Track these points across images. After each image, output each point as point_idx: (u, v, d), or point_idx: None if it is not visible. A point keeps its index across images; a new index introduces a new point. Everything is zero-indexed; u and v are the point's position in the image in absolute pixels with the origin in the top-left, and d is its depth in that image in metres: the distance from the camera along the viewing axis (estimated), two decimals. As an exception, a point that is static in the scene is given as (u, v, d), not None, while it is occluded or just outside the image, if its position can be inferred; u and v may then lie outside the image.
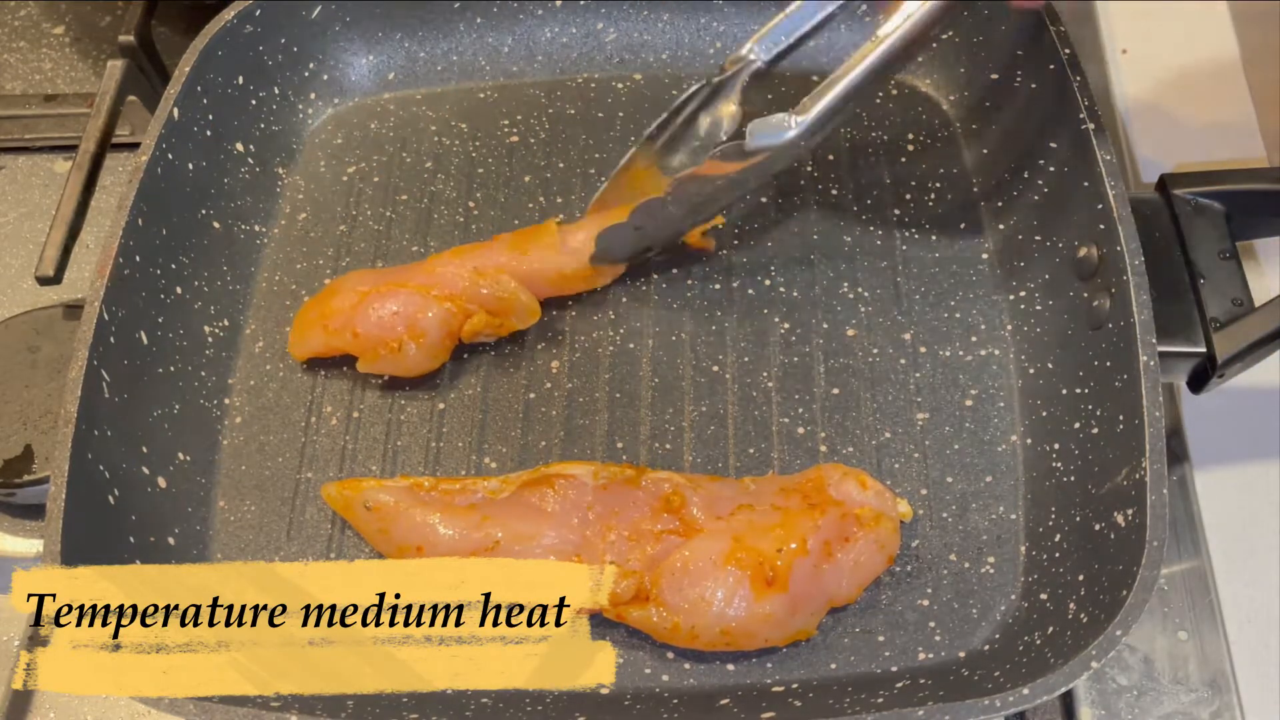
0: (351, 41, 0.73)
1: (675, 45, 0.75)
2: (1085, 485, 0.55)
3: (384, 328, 0.60)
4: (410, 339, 0.60)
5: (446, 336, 0.61)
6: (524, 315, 0.62)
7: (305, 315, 0.63)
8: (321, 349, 0.62)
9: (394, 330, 0.60)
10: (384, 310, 0.60)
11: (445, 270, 0.62)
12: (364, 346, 0.61)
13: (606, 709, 0.52)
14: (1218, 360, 0.56)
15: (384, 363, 0.61)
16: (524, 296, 0.61)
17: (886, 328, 0.64)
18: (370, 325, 0.60)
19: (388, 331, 0.60)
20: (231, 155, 0.68)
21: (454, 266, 0.62)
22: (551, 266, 0.63)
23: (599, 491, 0.55)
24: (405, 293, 0.61)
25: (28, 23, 0.86)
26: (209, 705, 0.47)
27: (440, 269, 0.62)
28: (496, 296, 0.61)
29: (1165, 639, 0.59)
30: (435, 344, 0.61)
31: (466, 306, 0.61)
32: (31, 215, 0.76)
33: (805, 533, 0.53)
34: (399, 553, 0.56)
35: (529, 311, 0.62)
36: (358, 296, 0.61)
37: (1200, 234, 0.60)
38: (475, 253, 0.63)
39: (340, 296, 0.62)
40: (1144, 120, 0.76)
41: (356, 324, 0.61)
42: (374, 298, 0.61)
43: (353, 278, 0.63)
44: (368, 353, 0.61)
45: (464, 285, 0.61)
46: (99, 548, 0.52)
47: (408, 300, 0.60)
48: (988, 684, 0.50)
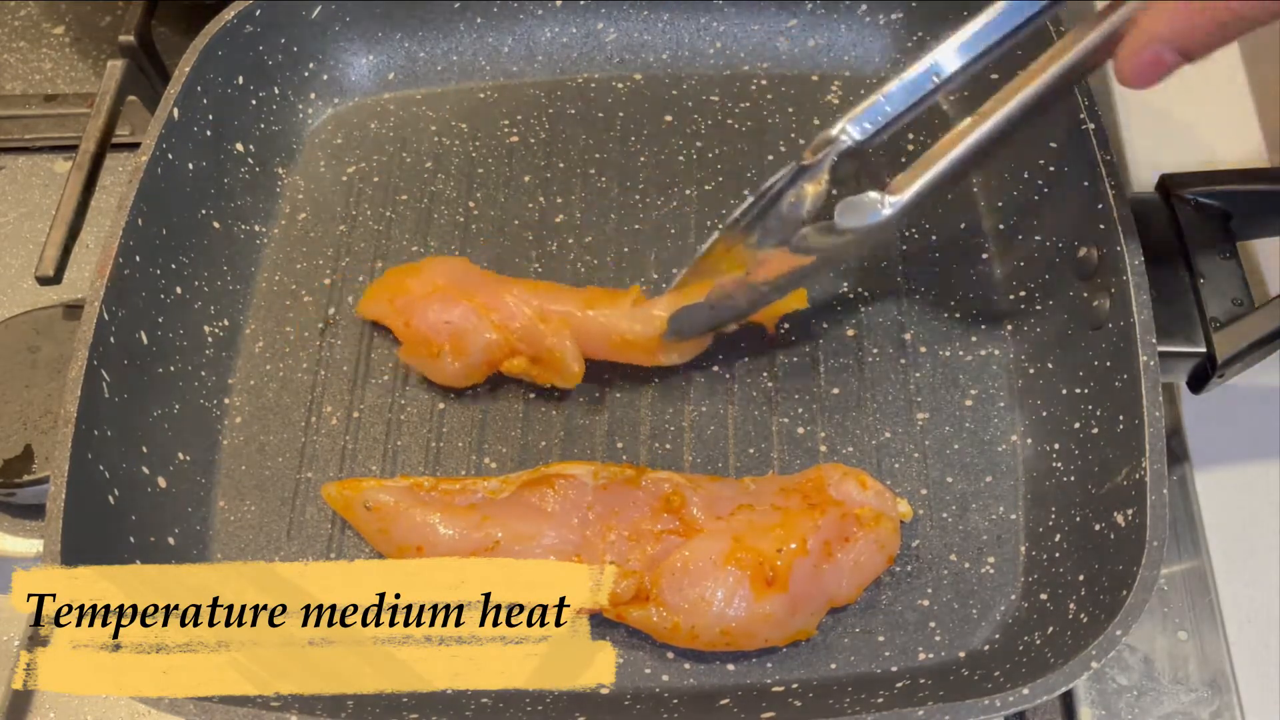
0: (351, 41, 0.73)
1: (675, 45, 0.75)
2: (1085, 485, 0.55)
3: (433, 330, 0.60)
4: (451, 352, 0.60)
5: (486, 364, 0.61)
6: (565, 376, 0.60)
7: (385, 281, 0.64)
8: (381, 318, 0.63)
9: (440, 337, 0.60)
10: (441, 315, 0.60)
11: (512, 300, 0.60)
12: (411, 338, 0.61)
13: (606, 709, 0.52)
14: (1218, 360, 0.56)
15: (421, 362, 0.61)
16: (571, 360, 0.60)
17: (886, 328, 0.64)
18: (424, 322, 0.60)
19: (435, 334, 0.60)
20: (231, 155, 0.68)
21: (522, 300, 0.60)
22: (616, 329, 0.60)
23: (599, 491, 0.55)
24: (466, 306, 0.60)
25: (28, 23, 0.86)
26: (209, 705, 0.47)
27: (509, 296, 0.61)
28: (546, 347, 0.60)
29: (1165, 639, 0.59)
30: (473, 366, 0.61)
31: (515, 344, 0.60)
32: (31, 215, 0.76)
33: (805, 533, 0.53)
34: (399, 553, 0.56)
35: (570, 375, 0.60)
36: (430, 288, 0.61)
37: (1200, 234, 0.60)
38: (548, 293, 0.61)
39: (419, 279, 0.62)
40: (1144, 120, 0.76)
41: (414, 315, 0.61)
42: (438, 297, 0.61)
43: (442, 265, 0.63)
44: (411, 346, 0.61)
45: (522, 323, 0.60)
46: (99, 548, 0.53)
47: (464, 315, 0.60)
48: (988, 684, 0.50)
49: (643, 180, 0.70)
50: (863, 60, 0.74)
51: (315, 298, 0.66)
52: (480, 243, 0.68)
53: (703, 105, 0.73)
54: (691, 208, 0.69)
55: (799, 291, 0.62)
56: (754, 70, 0.74)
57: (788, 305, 0.61)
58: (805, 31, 0.74)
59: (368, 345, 0.65)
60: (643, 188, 0.70)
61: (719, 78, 0.74)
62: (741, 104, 0.73)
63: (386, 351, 0.64)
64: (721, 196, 0.69)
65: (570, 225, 0.69)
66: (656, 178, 0.70)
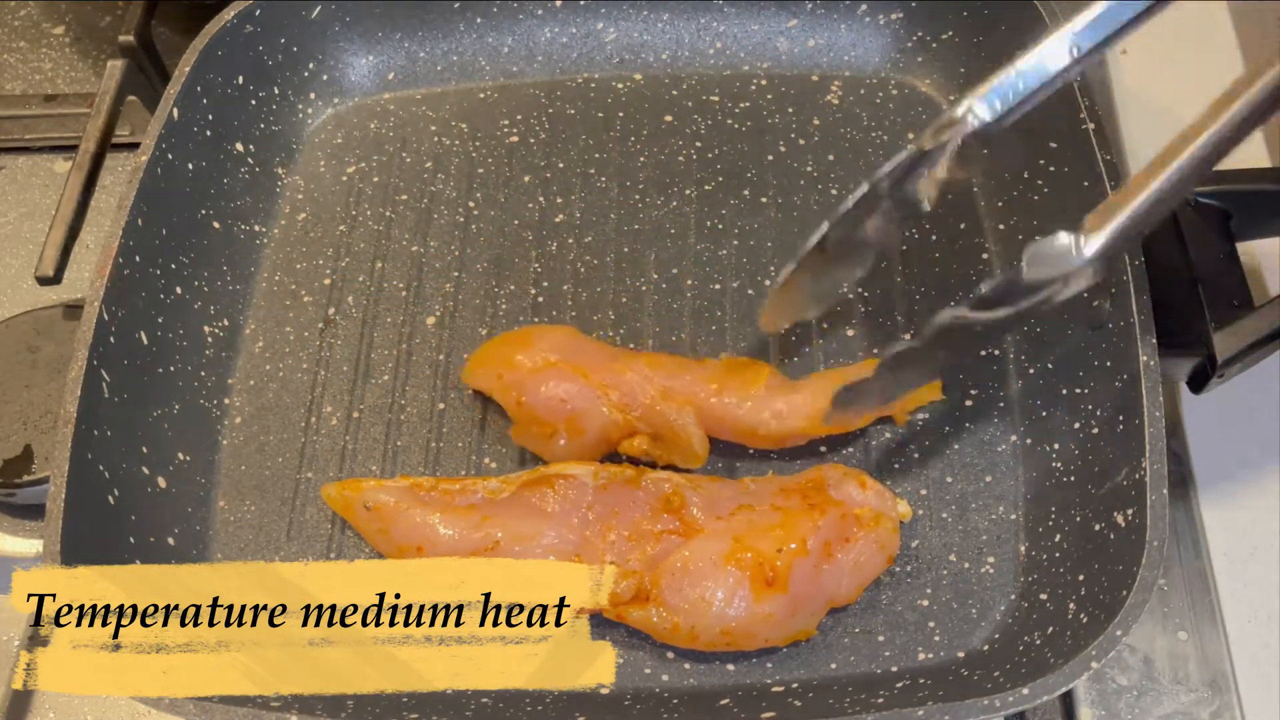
0: (351, 41, 0.73)
1: (675, 45, 0.75)
2: (1085, 485, 0.55)
3: (547, 410, 0.57)
4: (566, 432, 0.57)
5: (603, 443, 0.58)
6: (688, 457, 0.57)
7: (491, 350, 0.60)
8: (489, 392, 0.60)
9: (556, 416, 0.57)
10: (556, 392, 0.57)
11: (633, 377, 0.57)
12: (524, 417, 0.58)
13: (606, 709, 0.52)
14: (1218, 360, 0.56)
15: (534, 442, 0.59)
16: (696, 443, 0.57)
17: (887, 328, 0.64)
18: (537, 401, 0.57)
19: (550, 414, 0.57)
20: (231, 155, 0.68)
21: (643, 377, 0.57)
22: (745, 421, 0.57)
23: (599, 491, 0.55)
24: (582, 384, 0.57)
25: (28, 23, 0.86)
26: (209, 705, 0.47)
27: (629, 374, 0.57)
28: (670, 427, 0.57)
29: (1165, 639, 0.59)
30: (589, 446, 0.58)
31: (635, 424, 0.57)
32: (31, 215, 0.76)
33: (805, 533, 0.53)
34: (399, 553, 0.56)
35: (694, 457, 0.57)
36: (543, 363, 0.58)
37: (1200, 234, 0.60)
38: (673, 369, 0.58)
39: (530, 352, 0.59)
40: (1144, 120, 0.76)
41: (526, 393, 0.57)
42: (553, 374, 0.57)
43: (552, 337, 0.59)
44: (523, 425, 0.58)
45: (643, 402, 0.57)
46: (99, 548, 0.53)
47: (581, 393, 0.57)
48: (987, 684, 0.50)
49: (643, 180, 0.70)
50: (863, 60, 0.74)
51: (315, 298, 0.66)
52: (480, 243, 0.68)
53: (703, 105, 0.73)
54: (691, 208, 0.69)
55: (934, 384, 0.59)
56: (754, 70, 0.74)
57: (923, 398, 0.59)
58: (805, 31, 0.74)
59: (368, 345, 0.65)
60: (643, 188, 0.70)
61: (719, 78, 0.74)
62: (741, 104, 0.73)
63: (387, 352, 0.64)
64: (721, 196, 0.69)
65: (570, 225, 0.69)
66: (656, 178, 0.70)
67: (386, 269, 0.67)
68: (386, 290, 0.66)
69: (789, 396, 0.57)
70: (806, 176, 0.70)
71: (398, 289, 0.66)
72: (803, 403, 0.57)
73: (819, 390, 0.57)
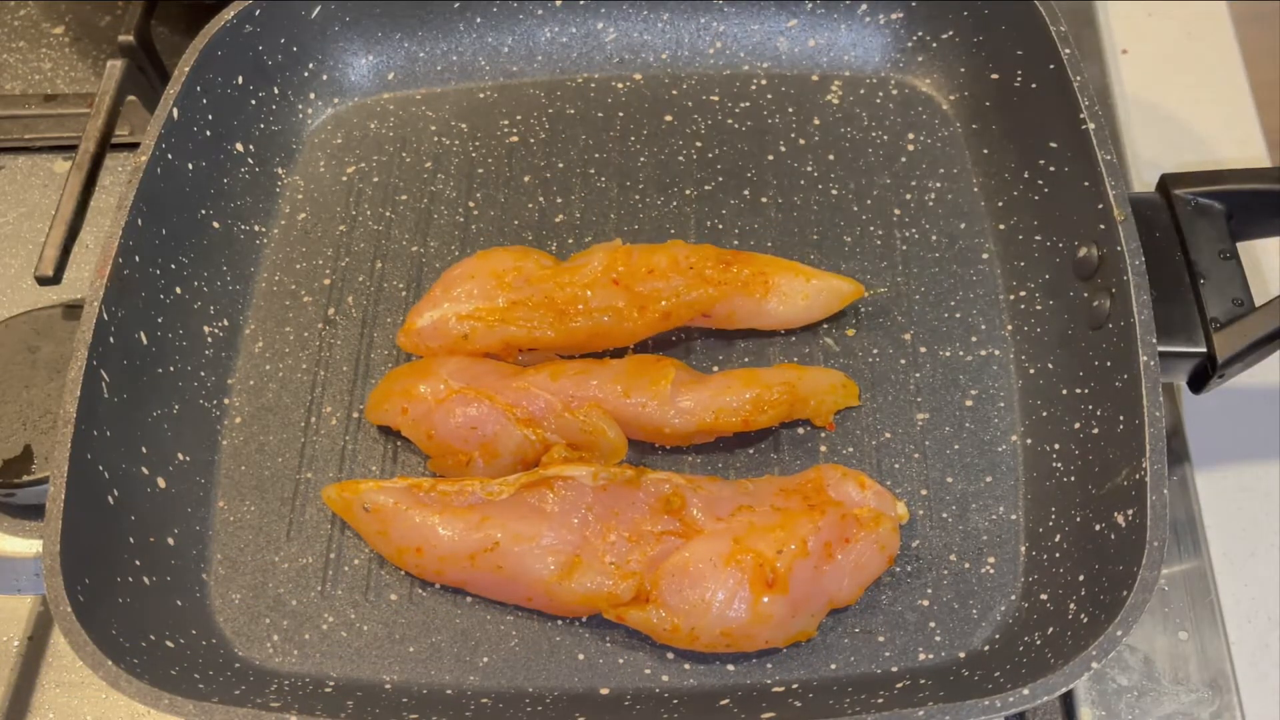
0: (351, 41, 0.73)
1: (675, 45, 0.75)
2: (1085, 485, 0.55)
3: (458, 438, 0.57)
4: (481, 456, 0.57)
5: (520, 463, 0.58)
6: (609, 454, 0.57)
7: (391, 384, 0.60)
8: (396, 428, 0.60)
9: (468, 443, 0.57)
10: (463, 418, 0.57)
11: (536, 394, 0.57)
12: (437, 450, 0.58)
13: (606, 709, 0.52)
14: (1218, 360, 0.56)
15: (452, 469, 0.58)
16: (612, 434, 0.57)
17: (886, 328, 0.64)
18: (447, 430, 0.57)
19: (461, 442, 0.57)
20: (231, 155, 0.68)
21: (547, 391, 0.57)
22: (652, 420, 0.58)
23: (598, 492, 0.55)
24: (489, 407, 0.57)
25: (28, 23, 0.86)
26: (209, 706, 0.47)
27: (533, 389, 0.57)
28: (583, 430, 0.57)
29: (1165, 639, 0.59)
30: (506, 467, 0.57)
31: (547, 437, 0.57)
32: (31, 215, 0.76)
33: (805, 534, 0.53)
34: (398, 554, 0.56)
35: (614, 451, 0.57)
36: (446, 392, 0.57)
37: (1200, 234, 0.60)
38: (575, 376, 0.58)
39: (430, 382, 0.58)
40: (1144, 120, 0.76)
41: (435, 424, 0.57)
42: (458, 401, 0.57)
43: (450, 365, 0.59)
44: (439, 458, 0.58)
45: (552, 415, 0.57)
46: (98, 548, 0.53)
47: (489, 416, 0.57)
48: (988, 684, 0.50)
49: (643, 180, 0.70)
50: (863, 60, 0.74)
51: (315, 298, 0.66)
52: (480, 243, 0.68)
53: (703, 105, 0.73)
54: (691, 208, 0.69)
55: (852, 388, 0.60)
56: (754, 70, 0.74)
57: (840, 403, 0.60)
58: (805, 31, 0.74)
59: (368, 345, 0.65)
60: (643, 188, 0.70)
61: (719, 78, 0.74)
62: (741, 104, 0.73)
63: (387, 352, 0.64)
64: (721, 196, 0.69)
65: (570, 225, 0.69)
66: (656, 178, 0.70)
67: (386, 269, 0.67)
68: (386, 290, 0.66)
69: (696, 394, 0.58)
70: (806, 176, 0.70)
71: (398, 289, 0.66)
72: (709, 399, 0.58)
73: (725, 387, 0.58)
